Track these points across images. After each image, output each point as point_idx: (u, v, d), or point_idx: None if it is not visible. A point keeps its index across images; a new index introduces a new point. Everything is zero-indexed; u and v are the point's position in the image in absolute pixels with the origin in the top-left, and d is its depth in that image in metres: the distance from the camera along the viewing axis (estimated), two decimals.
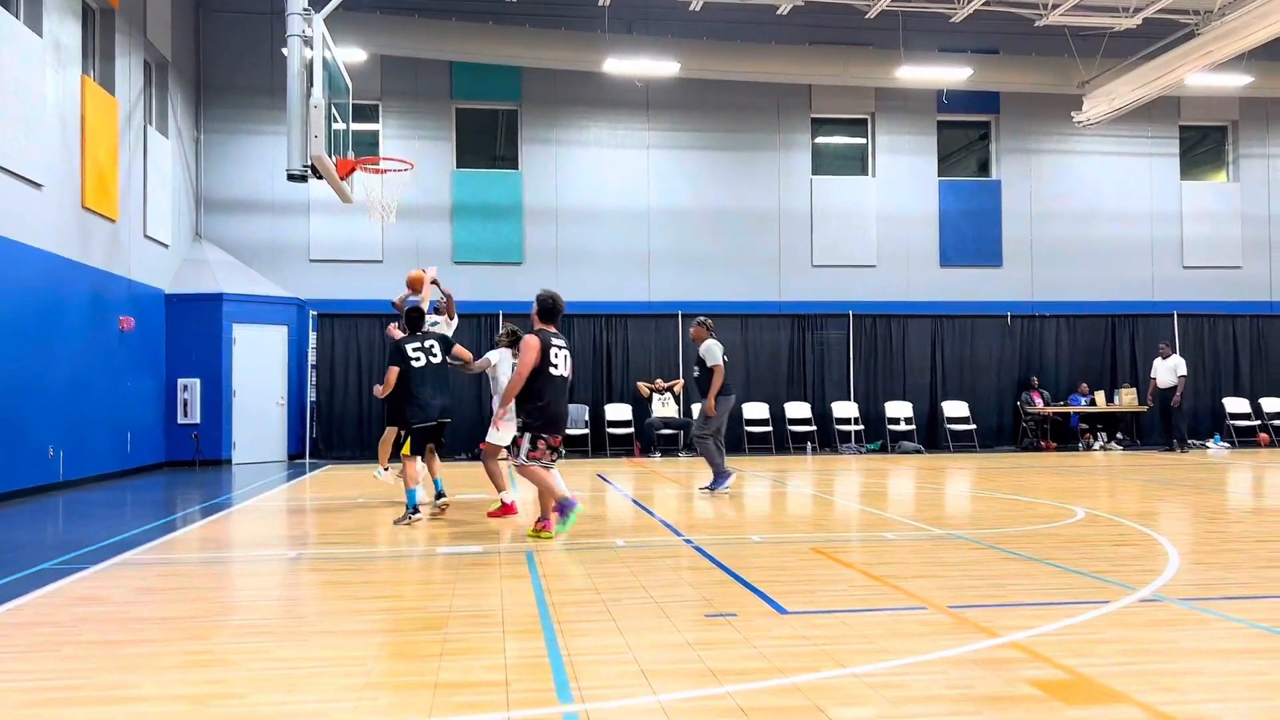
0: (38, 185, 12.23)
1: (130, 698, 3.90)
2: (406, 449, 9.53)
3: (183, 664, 4.38)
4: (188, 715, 3.66)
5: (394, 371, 9.13)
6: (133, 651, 4.59)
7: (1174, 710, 3.60)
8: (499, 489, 9.38)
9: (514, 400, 8.15)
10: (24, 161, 11.81)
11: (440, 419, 9.43)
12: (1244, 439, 20.36)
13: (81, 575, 6.58)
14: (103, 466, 14.14)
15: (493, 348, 10.32)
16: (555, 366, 7.83)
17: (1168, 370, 18.79)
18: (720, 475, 11.25)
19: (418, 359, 9.25)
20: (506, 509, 9.35)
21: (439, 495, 9.67)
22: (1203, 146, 22.53)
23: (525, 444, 7.89)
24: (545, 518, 7.98)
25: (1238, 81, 19.18)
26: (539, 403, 7.81)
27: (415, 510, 9.01)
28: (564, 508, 7.84)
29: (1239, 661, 4.28)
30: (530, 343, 7.79)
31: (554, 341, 7.89)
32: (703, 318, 11.48)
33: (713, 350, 10.93)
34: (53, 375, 12.61)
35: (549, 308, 8.02)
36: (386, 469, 10.90)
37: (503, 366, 9.82)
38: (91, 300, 13.78)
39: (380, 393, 9.48)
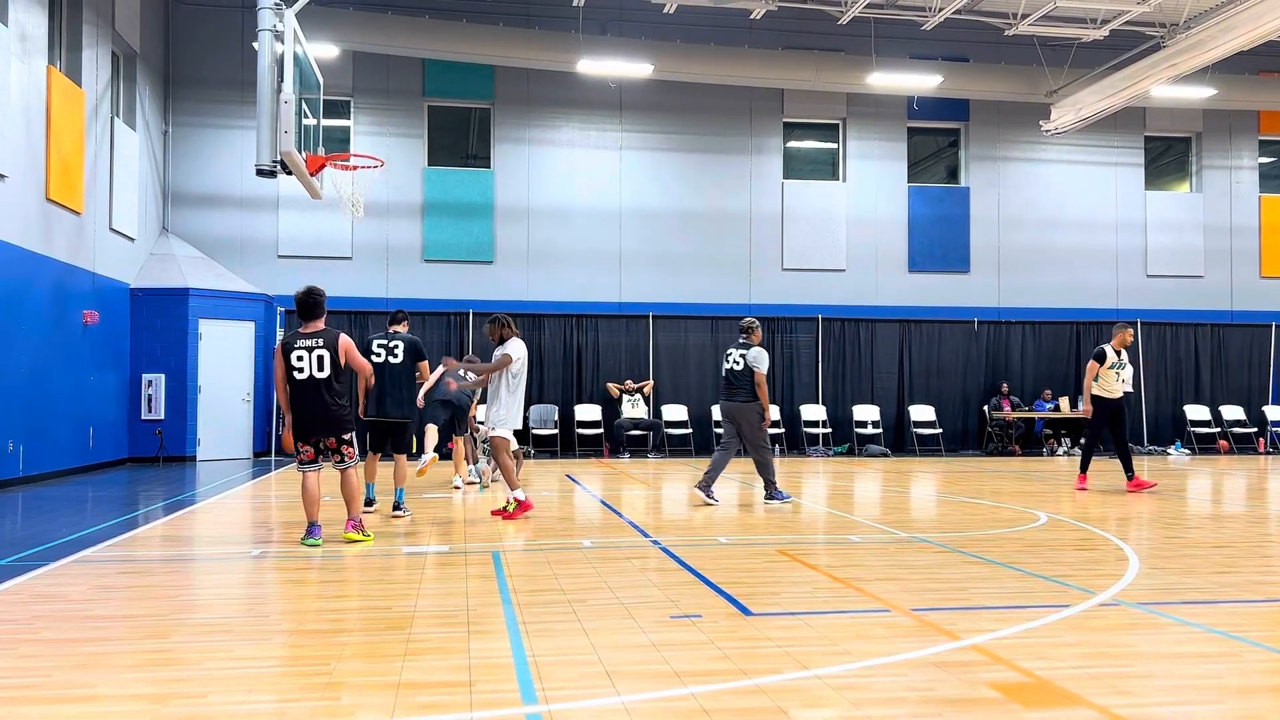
0: (1, 176, 12.05)
1: (88, 697, 3.86)
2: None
3: (142, 663, 4.34)
4: (146, 715, 3.63)
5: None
6: (91, 650, 4.54)
7: (1129, 713, 3.65)
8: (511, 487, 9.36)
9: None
10: None
11: (383, 417, 9.46)
12: (1204, 446, 20.68)
13: (40, 572, 6.50)
14: (64, 462, 13.95)
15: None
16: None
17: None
18: (778, 490, 10.79)
19: (378, 355, 9.33)
20: (523, 506, 9.26)
21: (368, 500, 9.66)
22: (1167, 157, 22.85)
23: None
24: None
25: (1202, 93, 19.48)
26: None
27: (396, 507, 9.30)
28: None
29: (1194, 665, 4.35)
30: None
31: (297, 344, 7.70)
32: (749, 320, 11.19)
33: (760, 357, 10.54)
34: (13, 368, 12.42)
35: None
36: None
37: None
38: (54, 293, 13.60)
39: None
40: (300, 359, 7.60)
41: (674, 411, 19.50)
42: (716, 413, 19.56)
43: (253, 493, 12.19)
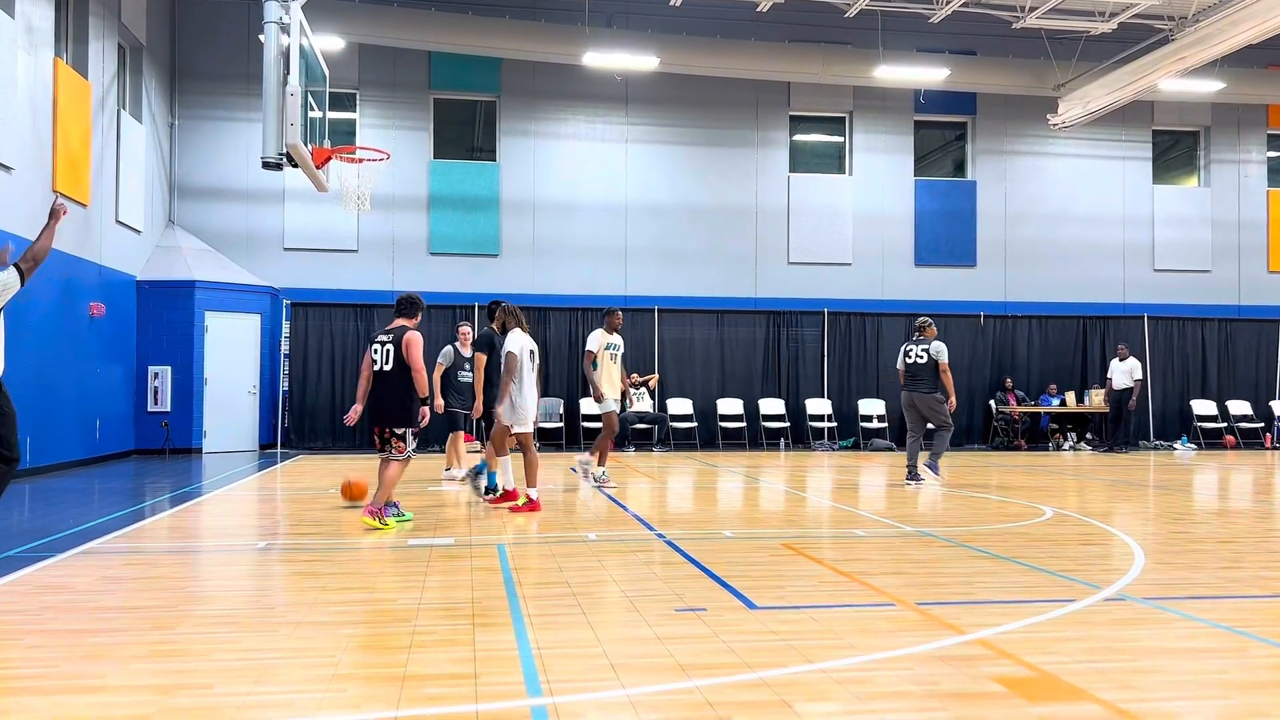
0: (8, 168, 12.07)
1: (95, 688, 3.87)
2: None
3: (149, 654, 4.35)
4: (153, 705, 3.63)
5: None
6: (98, 641, 4.55)
7: (1135, 708, 3.65)
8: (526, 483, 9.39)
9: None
10: None
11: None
12: (1211, 441, 20.63)
13: (47, 563, 6.52)
14: (70, 454, 13.99)
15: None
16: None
17: (1123, 373, 18.98)
18: (922, 472, 12.23)
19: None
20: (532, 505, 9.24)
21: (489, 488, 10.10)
22: (1175, 151, 22.77)
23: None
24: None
25: (1210, 87, 19.40)
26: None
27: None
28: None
29: (1200, 660, 4.34)
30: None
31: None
32: (924, 318, 12.58)
33: (943, 350, 11.99)
34: (20, 361, 12.42)
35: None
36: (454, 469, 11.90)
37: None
38: (62, 286, 13.62)
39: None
40: (376, 352, 8.34)
41: (679, 405, 19.50)
42: (722, 406, 19.65)
43: (259, 485, 12.22)
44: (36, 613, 5.17)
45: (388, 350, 8.27)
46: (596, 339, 11.65)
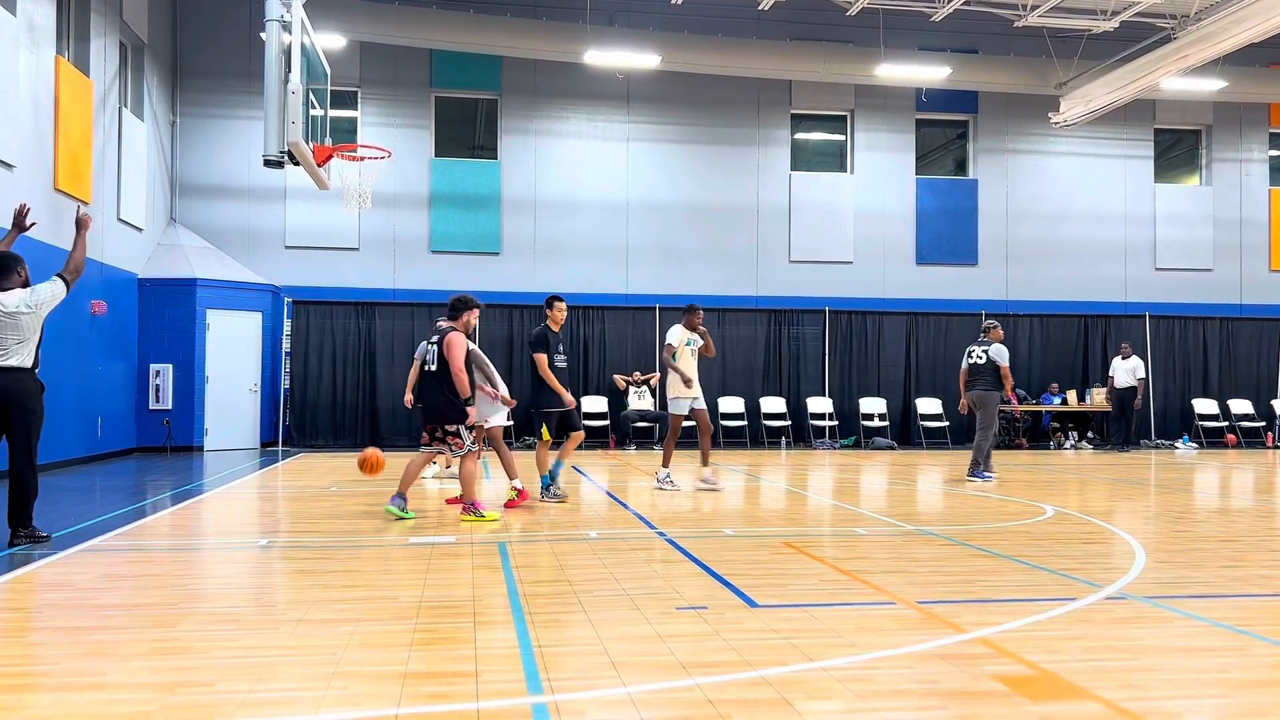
0: (9, 166, 12.08)
1: (96, 685, 3.87)
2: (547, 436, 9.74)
3: (149, 651, 4.35)
4: (154, 703, 3.64)
5: None
6: (99, 638, 4.55)
7: (1136, 706, 3.65)
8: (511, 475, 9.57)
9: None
10: None
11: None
12: (1212, 440, 20.62)
13: (49, 561, 6.52)
14: (72, 451, 14.00)
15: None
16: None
17: (1126, 371, 18.95)
18: (988, 467, 12.67)
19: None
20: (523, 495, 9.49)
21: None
22: (1177, 150, 22.75)
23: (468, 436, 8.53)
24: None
25: (1212, 86, 19.39)
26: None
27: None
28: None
29: (1201, 659, 4.34)
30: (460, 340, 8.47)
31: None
32: (990, 321, 13.12)
33: (1003, 352, 12.54)
34: None
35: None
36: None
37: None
38: None
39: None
40: (426, 353, 8.61)
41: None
42: (724, 405, 19.63)
43: (260, 483, 12.22)
44: (37, 610, 5.17)
45: (434, 351, 8.49)
46: (677, 333, 11.43)
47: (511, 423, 9.60)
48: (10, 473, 7.23)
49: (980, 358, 12.68)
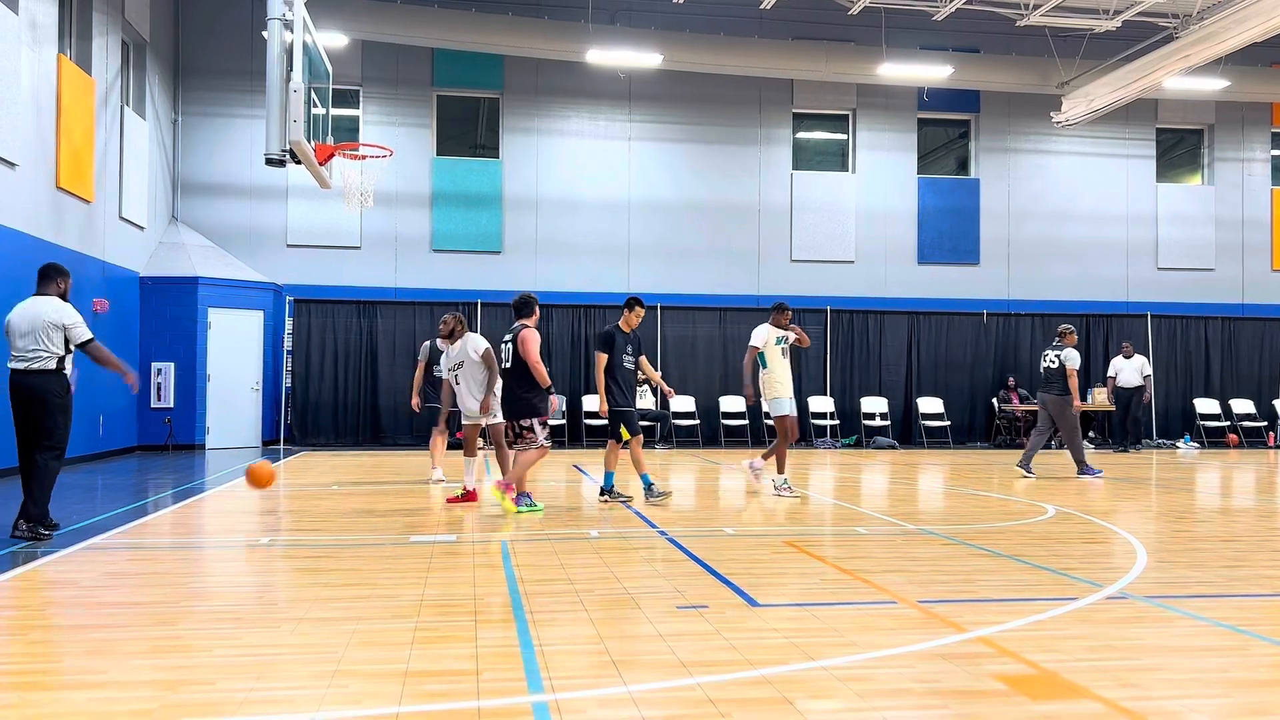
0: (12, 165, 12.08)
1: (98, 683, 3.87)
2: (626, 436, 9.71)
3: (151, 650, 4.36)
4: (155, 701, 3.64)
5: None
6: (101, 636, 4.56)
7: (1136, 706, 3.65)
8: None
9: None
10: None
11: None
12: (1214, 439, 20.61)
13: (50, 559, 6.53)
14: (73, 449, 13.86)
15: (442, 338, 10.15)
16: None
17: (1133, 370, 18.88)
18: (1087, 465, 13.11)
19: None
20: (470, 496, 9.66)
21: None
22: (1179, 149, 22.74)
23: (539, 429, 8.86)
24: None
25: (1214, 85, 19.36)
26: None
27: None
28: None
29: (1202, 659, 4.34)
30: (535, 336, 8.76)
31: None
32: (1065, 326, 13.40)
33: (1073, 356, 12.87)
34: None
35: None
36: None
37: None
38: None
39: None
40: (501, 351, 8.95)
41: (682, 403, 19.49)
42: (724, 404, 19.63)
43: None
44: (40, 608, 5.18)
45: (508, 349, 8.79)
46: (762, 334, 10.59)
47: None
48: (22, 463, 7.46)
49: (1053, 362, 12.98)
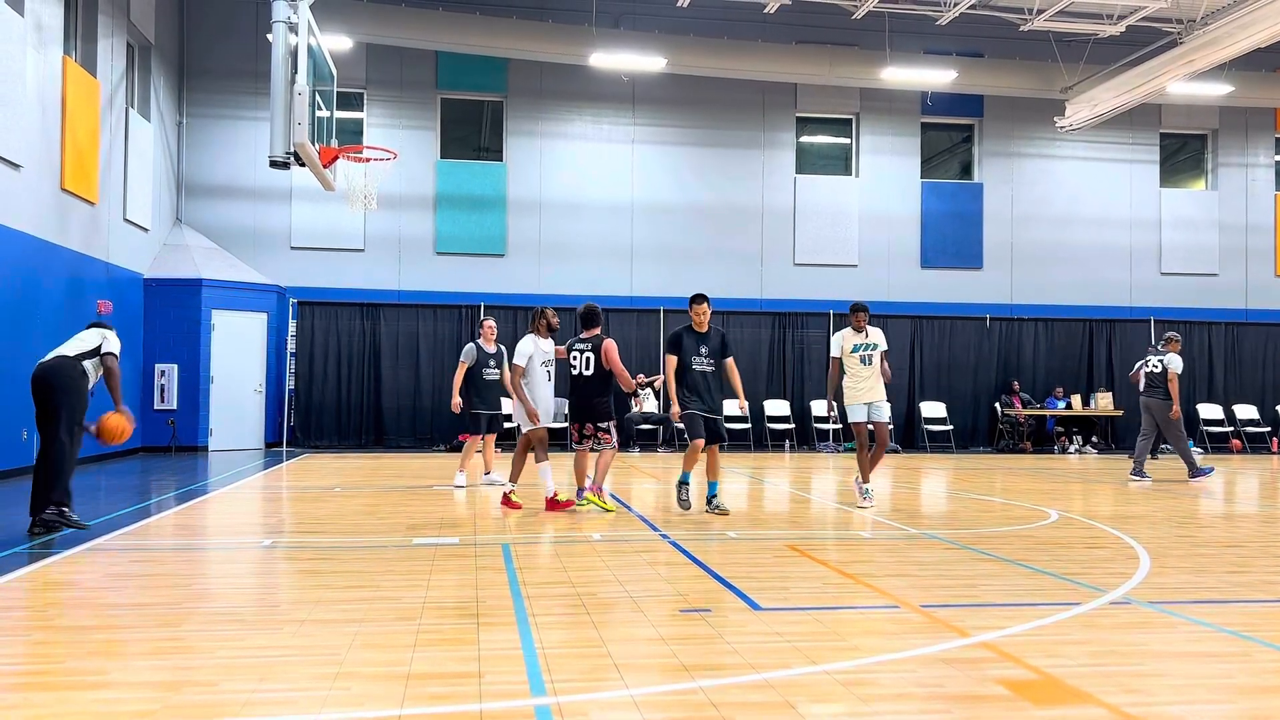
0: (16, 166, 12.11)
1: (100, 684, 3.87)
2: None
3: (154, 651, 4.36)
4: (157, 702, 3.64)
5: None
6: (103, 638, 4.56)
7: (1139, 711, 3.64)
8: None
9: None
10: (2, 142, 11.69)
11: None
12: (1217, 445, 20.58)
13: (54, 560, 6.54)
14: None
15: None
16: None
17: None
18: (1198, 468, 13.28)
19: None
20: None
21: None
22: (1183, 154, 22.72)
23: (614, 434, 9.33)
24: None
25: (1218, 90, 19.36)
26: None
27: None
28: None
29: (1205, 664, 4.33)
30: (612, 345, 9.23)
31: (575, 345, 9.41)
32: (1171, 333, 13.80)
33: (1175, 362, 13.20)
34: (27, 357, 12.43)
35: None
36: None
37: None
38: (69, 283, 13.66)
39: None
40: (575, 359, 9.32)
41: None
42: (727, 407, 19.52)
43: (264, 483, 12.24)
44: (42, 609, 5.19)
45: (587, 358, 9.23)
46: (838, 341, 10.70)
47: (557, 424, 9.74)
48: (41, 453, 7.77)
49: (1157, 367, 13.29)
